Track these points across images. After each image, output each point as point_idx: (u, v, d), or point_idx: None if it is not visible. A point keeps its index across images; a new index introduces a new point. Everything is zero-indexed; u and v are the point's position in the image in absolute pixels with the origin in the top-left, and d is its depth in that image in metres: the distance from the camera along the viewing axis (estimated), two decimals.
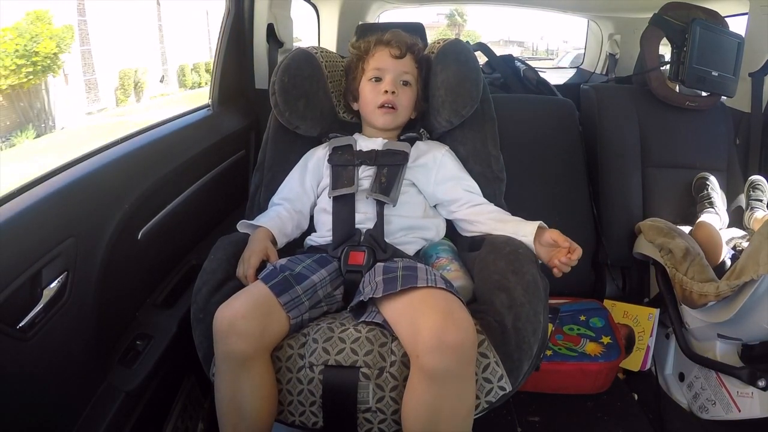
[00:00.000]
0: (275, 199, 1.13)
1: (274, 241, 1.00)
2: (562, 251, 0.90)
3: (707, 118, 1.61)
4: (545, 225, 0.99)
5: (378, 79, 1.11)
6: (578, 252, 0.89)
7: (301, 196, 1.12)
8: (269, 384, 0.83)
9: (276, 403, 0.84)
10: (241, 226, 1.04)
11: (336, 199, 1.04)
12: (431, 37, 1.85)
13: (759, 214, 1.43)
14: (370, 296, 0.84)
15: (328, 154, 1.12)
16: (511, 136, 1.44)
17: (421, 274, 0.85)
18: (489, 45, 2.39)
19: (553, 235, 0.93)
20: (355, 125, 1.23)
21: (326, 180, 1.10)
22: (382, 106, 1.10)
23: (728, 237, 1.39)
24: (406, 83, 1.12)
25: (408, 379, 0.79)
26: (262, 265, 0.95)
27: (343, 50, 1.76)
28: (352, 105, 1.20)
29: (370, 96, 1.12)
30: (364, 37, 1.18)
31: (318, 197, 1.12)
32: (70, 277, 0.83)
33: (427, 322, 0.75)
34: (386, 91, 1.09)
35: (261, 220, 1.05)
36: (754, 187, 1.49)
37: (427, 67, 1.16)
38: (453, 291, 0.83)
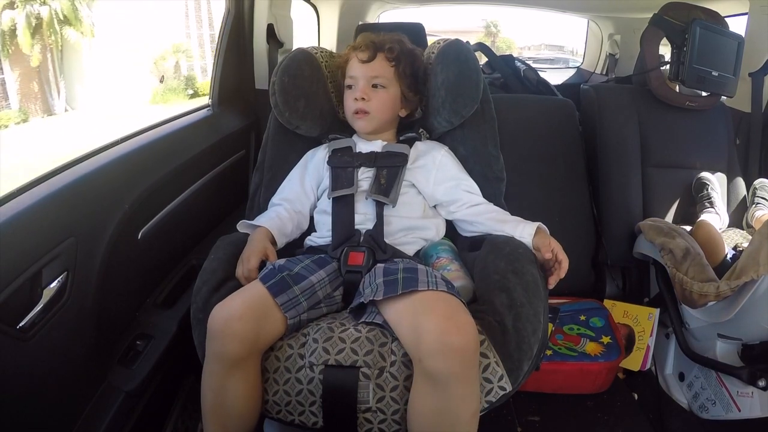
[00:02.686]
0: (275, 199, 1.13)
1: (273, 242, 1.00)
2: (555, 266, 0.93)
3: (707, 118, 1.61)
4: (544, 227, 0.99)
5: (352, 87, 1.12)
6: (564, 264, 0.92)
7: (301, 196, 1.12)
8: (258, 384, 0.83)
9: (261, 400, 0.84)
10: (241, 226, 1.04)
11: (335, 200, 1.04)
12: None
13: (760, 213, 1.43)
14: (371, 299, 0.84)
15: (327, 155, 1.12)
16: (511, 136, 1.44)
17: (422, 276, 0.84)
18: (528, 49, 2.38)
19: (538, 243, 0.95)
20: None
21: (326, 182, 1.10)
22: (355, 113, 1.10)
23: (728, 237, 1.39)
24: (379, 86, 1.10)
25: (412, 384, 0.79)
26: (262, 264, 0.95)
27: (343, 50, 1.76)
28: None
29: (347, 104, 1.13)
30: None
31: (318, 199, 1.12)
32: (70, 277, 0.83)
33: (429, 326, 0.74)
34: (356, 99, 1.09)
35: (260, 220, 1.04)
36: (761, 187, 1.49)
37: (410, 61, 1.13)
38: (454, 293, 0.82)
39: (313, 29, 2.41)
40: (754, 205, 1.48)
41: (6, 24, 10.20)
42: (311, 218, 1.13)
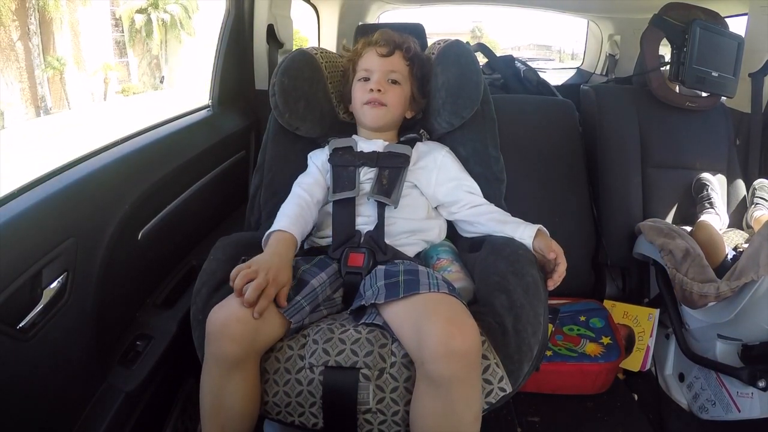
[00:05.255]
0: (302, 185, 1.06)
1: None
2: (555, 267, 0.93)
3: (707, 119, 1.61)
4: (544, 229, 0.99)
5: (366, 79, 1.12)
6: (561, 268, 0.92)
7: (319, 185, 1.07)
8: (257, 385, 0.83)
9: (260, 401, 0.84)
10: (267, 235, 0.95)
11: (336, 202, 1.04)
12: None
13: (759, 213, 1.43)
14: (372, 302, 0.83)
15: (328, 154, 1.12)
16: (512, 137, 1.44)
17: (423, 278, 0.84)
18: (517, 50, 2.38)
19: (541, 245, 0.95)
20: (355, 126, 1.22)
21: (328, 182, 1.10)
22: (368, 103, 1.10)
23: (728, 237, 1.39)
24: (394, 82, 1.11)
25: (414, 387, 0.78)
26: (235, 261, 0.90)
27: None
28: (349, 108, 1.20)
29: (358, 95, 1.12)
30: (364, 37, 1.18)
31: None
32: (70, 277, 0.83)
33: (432, 329, 0.74)
34: (372, 90, 1.09)
35: (283, 222, 0.95)
36: (760, 188, 1.49)
37: (422, 64, 1.15)
38: (456, 295, 0.82)
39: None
40: (753, 206, 1.48)
41: (137, 24, 15.44)
42: None
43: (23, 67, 13.01)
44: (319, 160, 1.14)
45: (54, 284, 0.81)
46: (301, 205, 1.01)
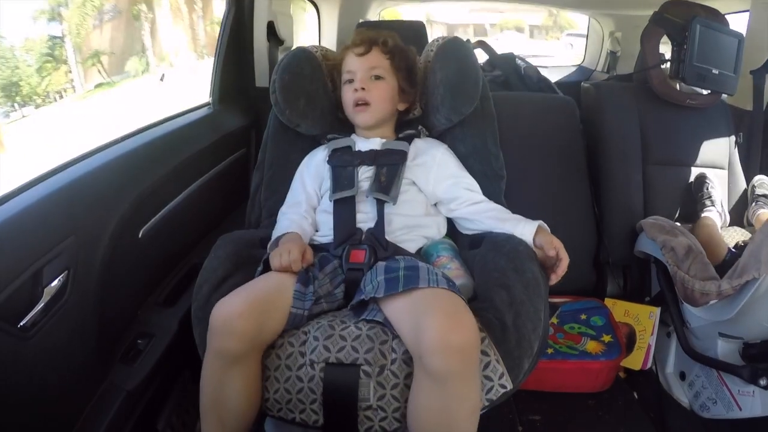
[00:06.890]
0: (283, 208, 1.12)
1: None
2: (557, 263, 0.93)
3: (708, 116, 1.60)
4: (545, 225, 0.99)
5: (351, 81, 1.12)
6: (564, 263, 0.92)
7: (308, 199, 1.11)
8: (257, 381, 0.83)
9: (260, 397, 0.84)
10: (271, 247, 1.00)
11: (337, 201, 1.04)
12: None
13: (762, 211, 1.43)
14: (372, 296, 0.84)
15: (327, 155, 1.12)
16: (512, 134, 1.44)
17: (423, 273, 0.84)
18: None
19: (542, 241, 0.94)
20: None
21: (327, 182, 1.10)
22: (356, 105, 1.10)
23: (729, 235, 1.39)
24: (378, 77, 1.11)
25: (413, 381, 0.79)
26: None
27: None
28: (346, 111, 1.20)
29: (345, 97, 1.13)
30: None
31: (321, 198, 1.12)
32: (71, 275, 0.83)
33: (431, 323, 0.74)
34: (356, 90, 1.10)
35: (281, 231, 1.02)
36: (759, 185, 1.49)
37: (403, 55, 1.14)
38: (455, 290, 0.83)
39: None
40: (753, 203, 1.47)
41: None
42: None
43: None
44: (314, 162, 1.14)
45: (55, 283, 0.81)
46: (293, 220, 1.05)
